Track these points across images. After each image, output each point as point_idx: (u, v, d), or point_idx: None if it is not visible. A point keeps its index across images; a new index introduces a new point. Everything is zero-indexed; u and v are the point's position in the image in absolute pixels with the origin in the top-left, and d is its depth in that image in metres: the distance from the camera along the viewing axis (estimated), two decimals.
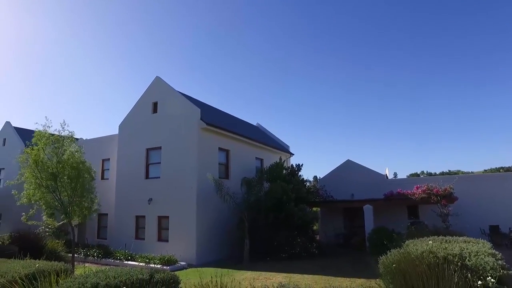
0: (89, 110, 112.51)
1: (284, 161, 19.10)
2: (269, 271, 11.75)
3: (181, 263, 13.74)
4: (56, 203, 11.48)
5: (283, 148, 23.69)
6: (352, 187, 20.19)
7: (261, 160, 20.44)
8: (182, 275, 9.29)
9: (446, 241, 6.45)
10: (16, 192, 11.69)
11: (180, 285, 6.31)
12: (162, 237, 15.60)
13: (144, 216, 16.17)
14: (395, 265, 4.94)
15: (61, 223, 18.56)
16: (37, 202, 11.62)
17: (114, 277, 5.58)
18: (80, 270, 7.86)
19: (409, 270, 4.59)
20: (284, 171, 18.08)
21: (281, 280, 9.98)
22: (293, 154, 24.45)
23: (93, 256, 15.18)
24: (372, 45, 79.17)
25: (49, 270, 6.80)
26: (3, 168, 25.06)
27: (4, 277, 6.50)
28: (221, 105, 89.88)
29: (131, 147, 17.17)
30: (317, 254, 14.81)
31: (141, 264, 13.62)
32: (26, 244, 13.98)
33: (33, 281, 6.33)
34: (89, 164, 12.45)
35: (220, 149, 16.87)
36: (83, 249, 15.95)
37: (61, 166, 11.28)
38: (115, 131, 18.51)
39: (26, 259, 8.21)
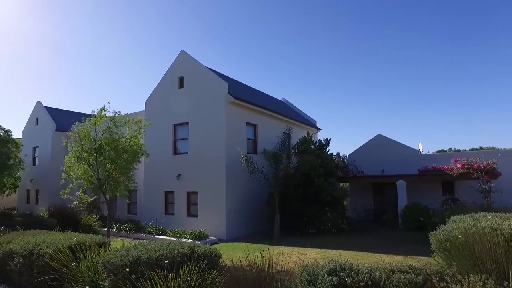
0: (115, 86, 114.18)
1: (311, 136, 18.59)
2: (302, 246, 11.56)
3: (212, 238, 13.83)
4: (94, 178, 11.57)
5: (310, 123, 23.08)
6: (382, 162, 19.52)
7: (288, 135, 19.95)
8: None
9: (506, 218, 5.91)
10: (67, 167, 11.74)
11: (220, 259, 6.15)
12: (191, 213, 15.72)
13: (173, 192, 16.30)
14: (460, 240, 4.51)
15: (93, 198, 19.13)
16: (77, 178, 11.73)
17: (155, 250, 5.47)
18: (117, 243, 7.88)
19: (477, 245, 4.17)
20: (312, 146, 17.63)
21: (315, 256, 9.77)
22: (320, 129, 23.82)
23: (125, 231, 15.55)
24: (402, 11, 74.97)
25: (89, 243, 6.86)
26: (37, 147, 25.94)
27: (50, 247, 6.63)
28: (246, 80, 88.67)
29: (158, 123, 17.08)
30: (348, 230, 14.53)
31: (172, 238, 13.78)
32: (64, 218, 14.52)
33: (75, 252, 6.38)
34: (137, 140, 12.24)
35: (247, 123, 16.55)
36: (115, 223, 16.35)
37: (105, 142, 11.25)
38: (141, 108, 18.53)
39: (66, 232, 8.38)
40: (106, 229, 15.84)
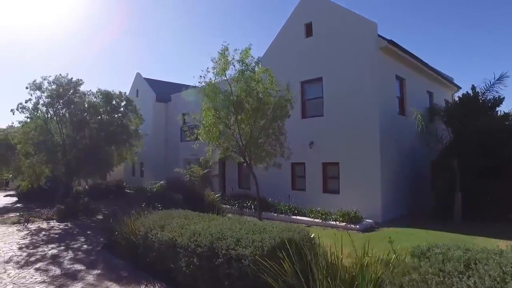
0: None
1: (477, 92, 14.27)
2: (506, 238, 7.96)
3: (367, 220, 10.92)
4: (233, 143, 9.39)
5: (451, 81, 18.48)
6: None
7: (431, 94, 15.92)
8: (379, 238, 6.24)
9: None
10: (204, 127, 9.74)
11: None
12: (329, 188, 12.98)
13: (302, 163, 13.67)
14: None
15: (206, 171, 17.57)
16: (212, 142, 9.68)
17: None
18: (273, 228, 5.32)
19: None
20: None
21: None
22: (461, 88, 19.06)
23: (249, 209, 13.44)
24: None
25: (297, 239, 4.34)
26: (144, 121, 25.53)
27: (242, 245, 4.23)
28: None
29: (279, 82, 14.44)
30: None
31: (315, 220, 11.25)
32: (185, 193, 12.97)
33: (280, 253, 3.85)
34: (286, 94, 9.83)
35: (396, 77, 13.00)
36: (236, 200, 14.39)
37: (245, 94, 8.96)
38: None
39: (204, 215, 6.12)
40: (228, 206, 14.10)
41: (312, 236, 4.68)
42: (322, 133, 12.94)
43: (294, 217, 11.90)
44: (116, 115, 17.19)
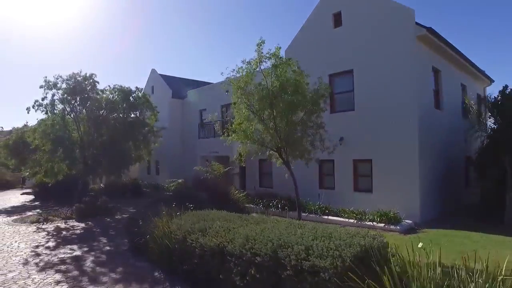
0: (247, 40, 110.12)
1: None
2: None
3: (407, 221, 10.16)
4: (268, 138, 8.75)
5: (484, 73, 17.49)
6: None
7: (464, 87, 15.02)
8: (430, 240, 5.56)
9: None
10: (238, 124, 9.11)
11: None
12: (360, 187, 12.25)
13: (331, 161, 12.91)
14: None
15: (227, 169, 16.97)
16: (247, 138, 9.03)
17: None
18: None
19: None
20: None
21: None
22: (493, 81, 18.06)
23: (276, 208, 12.78)
24: None
25: (377, 246, 3.67)
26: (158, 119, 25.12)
27: (315, 254, 3.57)
28: None
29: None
30: None
31: (350, 220, 10.55)
32: (210, 192, 12.39)
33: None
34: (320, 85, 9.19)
35: (432, 69, 12.18)
36: (261, 199, 13.73)
37: (279, 86, 8.34)
38: None
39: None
40: (252, 205, 13.47)
41: (385, 242, 4.00)
42: (353, 128, 12.20)
43: (326, 217, 11.21)
44: (133, 112, 16.80)
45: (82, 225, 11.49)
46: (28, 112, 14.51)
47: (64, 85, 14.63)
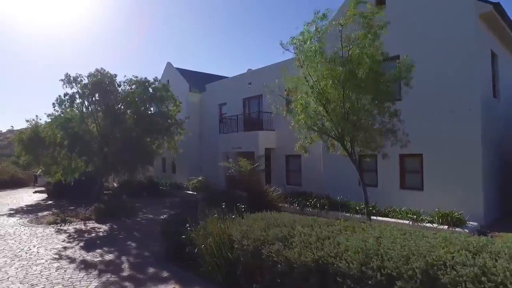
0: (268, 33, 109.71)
1: None
2: None
3: (471, 223, 8.95)
4: (331, 124, 7.53)
5: None
6: None
7: None
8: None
9: None
10: (300, 104, 7.84)
11: None
12: (408, 184, 11.07)
13: (374, 155, 11.63)
14: None
15: (255, 165, 15.82)
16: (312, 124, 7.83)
17: None
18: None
19: None
20: None
21: None
22: None
23: (313, 208, 11.63)
24: None
25: None
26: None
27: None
28: None
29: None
30: None
31: (404, 221, 9.36)
32: (244, 190, 11.38)
33: None
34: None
35: (491, 53, 10.93)
36: (296, 198, 12.59)
37: (358, 61, 7.12)
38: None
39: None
40: (286, 205, 12.36)
41: None
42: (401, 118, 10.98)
43: (374, 217, 10.03)
44: (153, 104, 15.86)
45: (104, 227, 10.47)
46: (54, 107, 14.27)
47: (85, 80, 14.39)
